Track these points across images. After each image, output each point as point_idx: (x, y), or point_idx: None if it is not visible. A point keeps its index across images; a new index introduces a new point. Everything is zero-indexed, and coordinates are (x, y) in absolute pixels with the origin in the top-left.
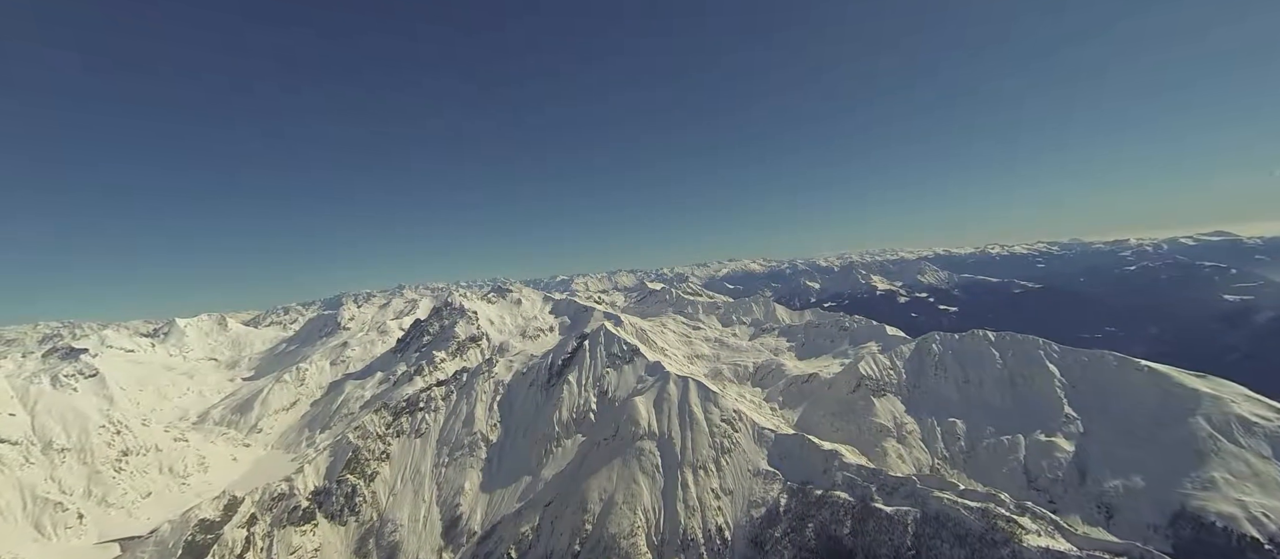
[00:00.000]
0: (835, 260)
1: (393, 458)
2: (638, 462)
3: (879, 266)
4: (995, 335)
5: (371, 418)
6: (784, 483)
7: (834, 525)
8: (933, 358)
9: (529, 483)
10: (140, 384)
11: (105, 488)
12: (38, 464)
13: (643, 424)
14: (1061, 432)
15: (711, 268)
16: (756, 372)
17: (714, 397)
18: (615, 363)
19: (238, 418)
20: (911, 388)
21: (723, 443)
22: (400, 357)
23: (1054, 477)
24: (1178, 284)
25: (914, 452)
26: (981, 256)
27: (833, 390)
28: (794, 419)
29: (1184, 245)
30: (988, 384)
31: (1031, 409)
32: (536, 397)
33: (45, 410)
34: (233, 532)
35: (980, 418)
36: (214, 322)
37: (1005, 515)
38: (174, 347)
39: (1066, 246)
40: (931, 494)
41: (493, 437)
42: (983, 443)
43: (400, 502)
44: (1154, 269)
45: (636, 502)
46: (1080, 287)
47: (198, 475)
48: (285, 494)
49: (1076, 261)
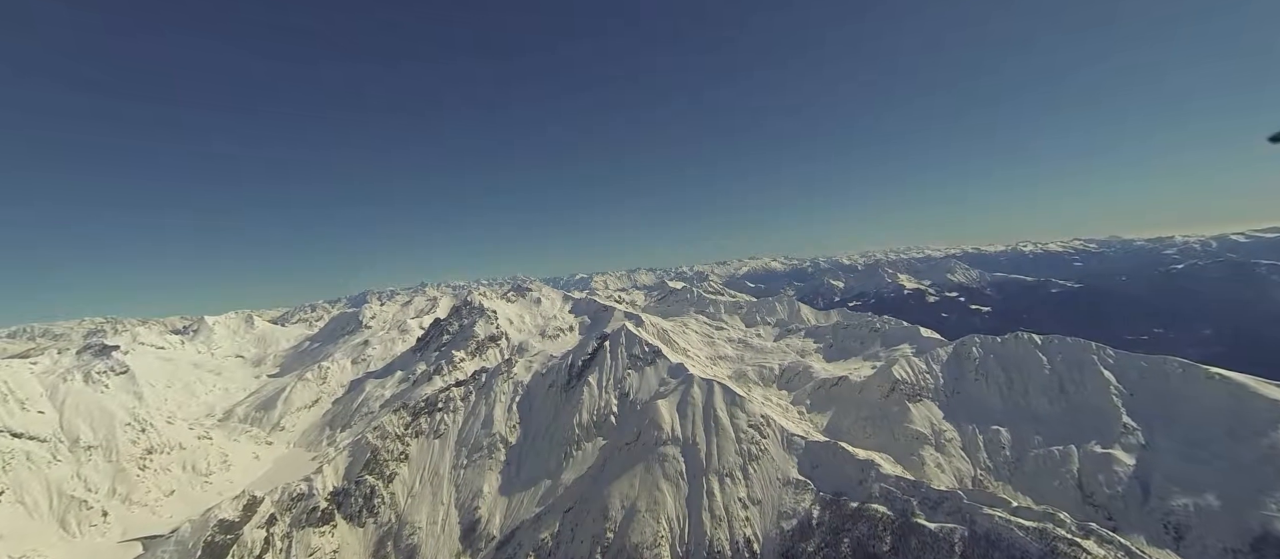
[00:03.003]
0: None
1: (411, 459)
2: (661, 468)
3: (906, 265)
4: (1041, 338)
5: (390, 418)
6: (816, 493)
7: (872, 541)
8: (973, 362)
9: (548, 487)
10: (169, 381)
11: (130, 486)
12: (65, 461)
13: (666, 428)
14: (1119, 443)
15: (731, 266)
16: (782, 374)
17: (740, 400)
18: (637, 364)
19: (261, 415)
20: (950, 393)
21: (750, 450)
22: (420, 356)
23: (1113, 492)
24: (1231, 283)
25: (954, 461)
26: (1013, 254)
27: (864, 394)
28: (823, 424)
29: (1236, 242)
30: (1034, 390)
31: (1084, 418)
32: (556, 398)
33: (73, 408)
34: (252, 532)
35: (1027, 427)
36: (241, 319)
37: (1066, 537)
38: (202, 344)
39: (1105, 244)
40: (980, 511)
41: (512, 439)
42: (1030, 454)
43: (419, 504)
44: (1203, 267)
45: (660, 510)
46: (1122, 286)
47: (220, 473)
48: (304, 494)
49: (1116, 260)
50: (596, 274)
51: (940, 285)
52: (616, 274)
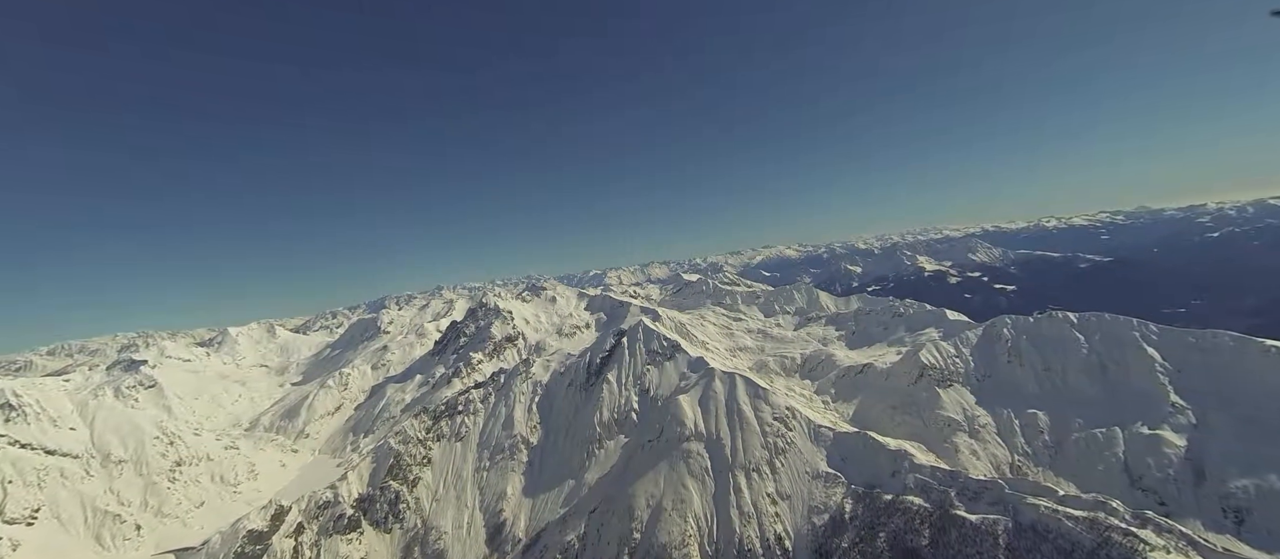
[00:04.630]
0: (875, 242)
1: (434, 463)
2: (685, 464)
3: (925, 246)
4: (1077, 317)
5: (411, 422)
6: (847, 487)
7: (909, 535)
8: (1004, 343)
9: (572, 487)
10: (196, 393)
11: (160, 498)
12: (97, 477)
13: (688, 424)
14: (1168, 424)
15: (745, 255)
16: (804, 363)
17: (764, 393)
18: (656, 360)
19: (286, 424)
20: (982, 377)
21: (776, 443)
22: (438, 359)
23: (1163, 475)
24: (1273, 250)
25: (990, 448)
26: (1036, 231)
27: (891, 381)
28: (849, 414)
29: (1275, 206)
30: (1072, 371)
31: (1127, 399)
32: (576, 397)
33: (103, 423)
34: (281, 541)
35: (1066, 409)
36: (263, 329)
37: (1121, 527)
38: (227, 355)
39: (1132, 215)
40: (1024, 500)
41: (533, 439)
42: (1071, 438)
43: (443, 508)
44: (1242, 235)
45: (686, 508)
46: (1155, 258)
47: (248, 483)
48: (331, 502)
49: (1146, 231)
50: (610, 270)
51: (962, 266)
52: (630, 269)
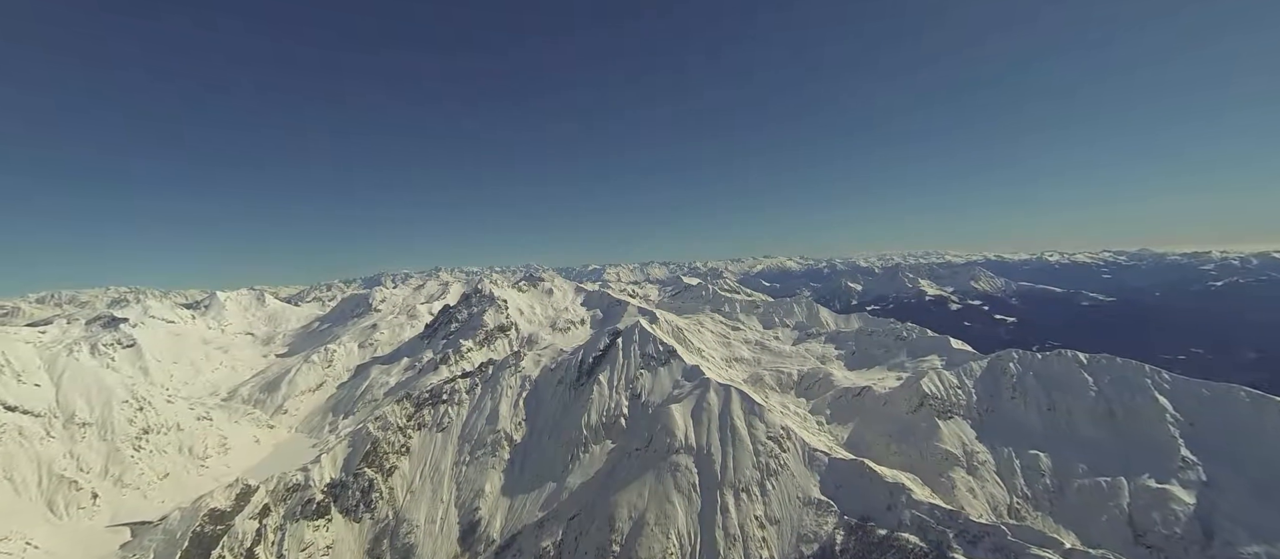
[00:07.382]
0: (877, 261)
1: (413, 452)
2: (672, 478)
3: (927, 270)
4: (1087, 357)
5: (393, 408)
6: (840, 517)
7: None
8: (1009, 378)
9: (553, 490)
10: (175, 356)
11: (123, 467)
12: (58, 438)
13: (679, 435)
14: (1176, 478)
15: (746, 263)
16: (801, 380)
17: (759, 409)
18: (650, 364)
19: (265, 397)
20: (984, 412)
21: (769, 463)
22: (427, 343)
23: (1170, 533)
24: (1275, 303)
25: (987, 486)
26: (1038, 263)
27: (889, 407)
28: (844, 437)
29: (1278, 261)
30: (1078, 414)
31: (1136, 448)
32: (565, 396)
33: (71, 382)
34: (244, 523)
35: (1070, 453)
36: (253, 296)
37: None
38: (213, 319)
39: (1135, 256)
40: (1027, 551)
41: (517, 436)
42: (1074, 483)
43: (418, 501)
44: (1244, 286)
45: (670, 524)
46: (1157, 301)
47: (217, 457)
48: (301, 485)
49: (1149, 273)
50: (609, 265)
51: (964, 293)
52: (629, 266)
